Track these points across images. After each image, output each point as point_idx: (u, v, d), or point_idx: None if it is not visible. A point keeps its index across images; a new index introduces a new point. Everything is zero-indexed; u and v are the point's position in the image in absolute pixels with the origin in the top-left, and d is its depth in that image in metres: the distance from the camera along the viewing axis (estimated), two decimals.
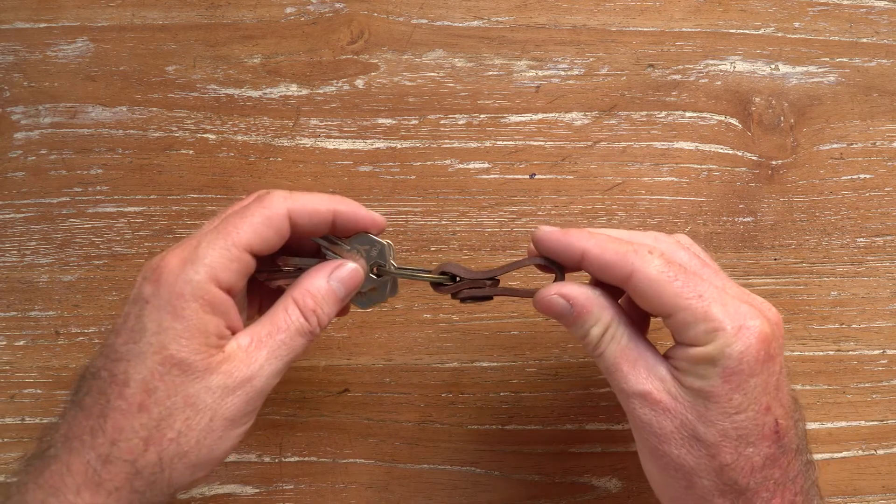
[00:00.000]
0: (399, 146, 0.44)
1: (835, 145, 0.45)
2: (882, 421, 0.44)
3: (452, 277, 0.35)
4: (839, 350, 0.44)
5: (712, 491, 0.30)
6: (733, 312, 0.30)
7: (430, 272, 0.35)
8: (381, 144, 0.44)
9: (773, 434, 0.30)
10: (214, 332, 0.30)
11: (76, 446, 0.29)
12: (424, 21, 0.45)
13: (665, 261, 0.31)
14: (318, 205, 0.33)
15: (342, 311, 0.35)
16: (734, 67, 0.45)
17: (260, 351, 0.31)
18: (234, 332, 0.31)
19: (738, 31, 0.45)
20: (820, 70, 0.45)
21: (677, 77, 0.45)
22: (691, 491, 0.30)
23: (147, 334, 0.29)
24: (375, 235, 0.34)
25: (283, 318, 0.32)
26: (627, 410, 0.32)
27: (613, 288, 0.33)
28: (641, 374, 0.31)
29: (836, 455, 0.44)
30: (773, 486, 0.30)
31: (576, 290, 0.32)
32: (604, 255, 0.31)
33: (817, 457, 0.44)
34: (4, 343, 0.43)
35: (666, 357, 0.32)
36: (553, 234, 0.33)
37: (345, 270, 0.33)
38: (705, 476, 0.30)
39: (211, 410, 0.29)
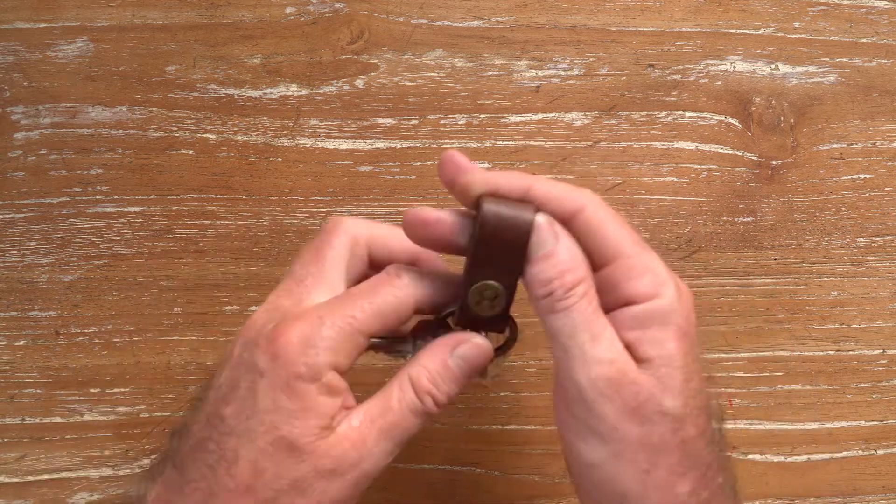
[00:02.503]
0: (399, 146, 0.44)
1: (835, 145, 0.45)
2: (882, 421, 0.44)
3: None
4: (839, 350, 0.44)
5: (675, 472, 0.27)
6: (669, 272, 0.28)
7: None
8: (381, 144, 0.44)
9: (709, 403, 0.28)
10: (330, 413, 0.28)
11: None
12: (424, 21, 0.45)
13: (608, 206, 0.29)
14: (440, 295, 0.30)
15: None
16: (734, 67, 0.45)
17: (371, 433, 0.29)
18: (347, 409, 0.29)
19: (738, 31, 0.45)
20: (820, 70, 0.45)
21: (677, 77, 0.45)
22: (650, 476, 0.27)
23: (260, 412, 0.27)
24: None
25: (396, 398, 0.29)
26: (582, 384, 0.28)
27: None
28: (606, 342, 0.28)
29: (836, 455, 0.44)
30: (724, 459, 0.28)
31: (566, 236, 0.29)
32: (552, 189, 0.29)
33: (817, 457, 0.44)
34: (4, 343, 0.43)
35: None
36: (487, 175, 0.29)
37: (469, 346, 0.30)
38: (670, 455, 0.27)
39: (318, 495, 0.28)
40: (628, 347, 0.28)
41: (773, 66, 0.45)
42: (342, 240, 0.30)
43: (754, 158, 0.45)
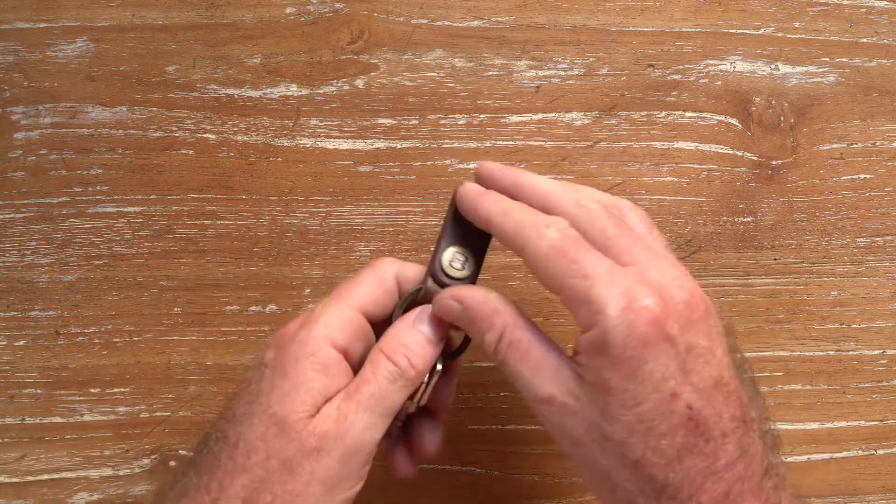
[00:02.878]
0: (399, 146, 0.44)
1: (835, 145, 0.45)
2: (882, 421, 0.44)
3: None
4: (839, 350, 0.44)
5: (634, 492, 0.28)
6: (621, 292, 0.28)
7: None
8: (381, 144, 0.44)
9: (688, 421, 0.27)
10: (321, 391, 0.30)
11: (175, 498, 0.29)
12: (424, 21, 0.45)
13: (562, 235, 0.29)
14: (417, 273, 0.33)
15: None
16: (734, 67, 0.45)
17: (350, 406, 0.30)
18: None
19: (738, 31, 0.45)
20: (820, 70, 0.45)
21: (677, 77, 0.45)
22: (615, 495, 0.28)
23: (260, 395, 0.30)
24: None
25: (369, 370, 0.31)
26: (539, 418, 0.30)
27: None
28: (544, 378, 0.29)
29: (836, 455, 0.44)
30: (700, 477, 0.28)
31: (469, 293, 0.31)
32: (503, 224, 0.30)
33: (817, 457, 0.44)
34: (4, 343, 0.43)
35: (574, 354, 0.30)
36: (467, 193, 0.32)
37: (430, 309, 0.32)
38: (623, 476, 0.28)
39: (307, 474, 0.29)
40: (582, 371, 0.29)
41: (773, 66, 0.45)
42: (371, 275, 0.33)
43: (754, 158, 0.45)
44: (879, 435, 0.44)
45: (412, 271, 0.33)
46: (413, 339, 0.32)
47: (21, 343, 0.43)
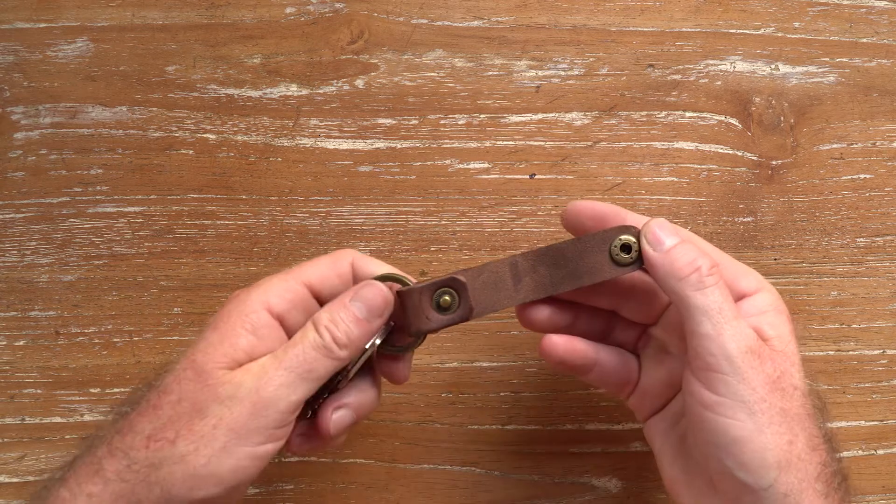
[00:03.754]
0: (399, 146, 0.44)
1: (835, 145, 0.45)
2: (882, 421, 0.44)
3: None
4: (839, 350, 0.44)
5: (810, 444, 0.29)
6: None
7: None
8: (381, 144, 0.44)
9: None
10: (245, 349, 0.31)
11: (96, 444, 0.30)
12: (424, 21, 0.45)
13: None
14: (379, 268, 0.34)
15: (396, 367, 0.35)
16: (734, 67, 0.45)
17: (272, 364, 0.31)
18: None
19: (738, 31, 0.45)
20: (820, 70, 0.45)
21: (677, 77, 0.45)
22: (793, 447, 0.29)
23: (190, 346, 0.31)
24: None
25: (299, 335, 0.32)
26: (733, 353, 0.29)
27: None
28: (744, 320, 0.31)
29: None
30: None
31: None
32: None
33: None
34: (4, 343, 0.43)
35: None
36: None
37: (367, 290, 0.33)
38: (804, 428, 0.29)
39: (216, 418, 0.29)
40: (761, 330, 0.31)
41: (773, 66, 0.45)
42: (327, 258, 0.34)
43: (754, 158, 0.45)
44: (879, 435, 0.44)
45: (371, 264, 0.34)
46: (342, 314, 0.32)
47: (21, 343, 0.43)
